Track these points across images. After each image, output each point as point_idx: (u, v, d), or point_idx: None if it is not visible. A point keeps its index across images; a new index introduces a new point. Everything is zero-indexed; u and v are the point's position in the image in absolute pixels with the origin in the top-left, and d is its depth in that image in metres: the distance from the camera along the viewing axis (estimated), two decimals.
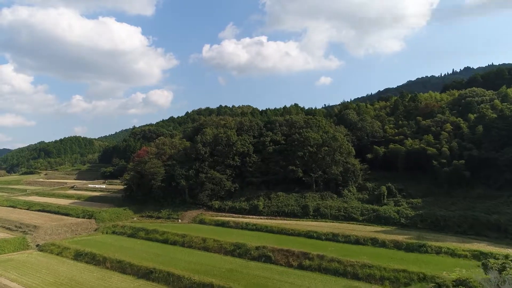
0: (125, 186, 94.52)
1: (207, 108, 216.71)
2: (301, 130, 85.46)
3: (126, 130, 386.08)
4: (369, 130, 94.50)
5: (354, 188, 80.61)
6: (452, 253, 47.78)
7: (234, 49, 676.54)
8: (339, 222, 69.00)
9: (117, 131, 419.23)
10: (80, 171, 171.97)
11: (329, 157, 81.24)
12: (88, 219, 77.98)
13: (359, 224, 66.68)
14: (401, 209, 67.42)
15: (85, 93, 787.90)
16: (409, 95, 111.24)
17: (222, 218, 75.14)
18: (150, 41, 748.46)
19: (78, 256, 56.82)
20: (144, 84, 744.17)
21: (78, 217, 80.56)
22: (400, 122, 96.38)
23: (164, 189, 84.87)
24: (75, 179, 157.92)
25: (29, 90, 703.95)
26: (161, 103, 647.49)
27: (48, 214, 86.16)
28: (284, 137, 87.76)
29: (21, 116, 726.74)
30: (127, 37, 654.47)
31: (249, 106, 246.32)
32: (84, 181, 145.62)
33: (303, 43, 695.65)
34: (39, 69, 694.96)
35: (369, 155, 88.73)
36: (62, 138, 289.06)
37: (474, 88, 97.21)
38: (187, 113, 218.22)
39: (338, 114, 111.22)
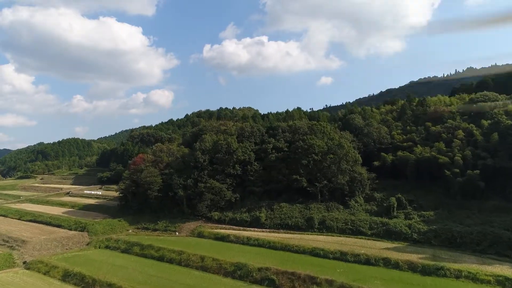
0: (120, 195, 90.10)
1: (207, 111, 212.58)
2: (305, 137, 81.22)
3: (126, 130, 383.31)
4: (376, 136, 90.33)
5: (361, 198, 76.40)
6: (474, 278, 43.59)
7: (234, 49, 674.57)
8: (346, 237, 64.79)
9: (117, 132, 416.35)
10: (77, 175, 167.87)
11: (334, 165, 77.07)
12: (81, 232, 73.74)
13: (368, 239, 62.41)
14: (413, 223, 63.16)
15: (86, 93, 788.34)
16: (417, 99, 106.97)
17: (222, 231, 70.95)
18: (151, 41, 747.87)
19: (66, 276, 52.62)
20: (145, 84, 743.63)
21: (70, 229, 76.36)
22: (408, 127, 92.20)
23: (161, 199, 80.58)
24: (72, 184, 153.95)
25: (30, 90, 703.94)
26: (162, 103, 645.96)
27: (40, 225, 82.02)
28: (287, 144, 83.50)
29: (22, 116, 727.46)
30: (128, 37, 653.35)
31: (250, 108, 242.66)
32: (80, 187, 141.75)
33: (304, 43, 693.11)
34: (40, 69, 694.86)
35: (376, 163, 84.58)
36: (61, 140, 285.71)
37: (485, 92, 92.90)
38: (186, 115, 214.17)
39: (342, 119, 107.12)
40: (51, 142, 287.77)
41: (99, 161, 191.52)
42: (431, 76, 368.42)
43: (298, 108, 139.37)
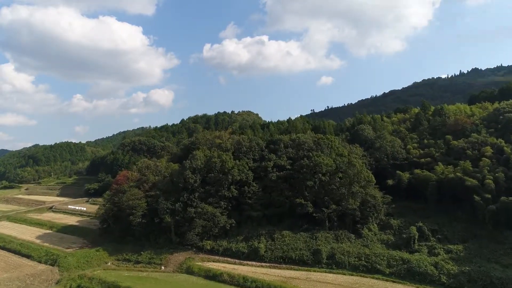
0: (101, 218, 79.49)
1: (204, 115, 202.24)
2: (310, 153, 71.23)
3: (124, 132, 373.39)
4: (389, 151, 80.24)
5: (376, 226, 66.49)
6: None
7: (235, 49, 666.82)
8: (361, 276, 55.08)
9: (115, 133, 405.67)
10: (64, 185, 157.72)
11: (344, 188, 67.01)
12: (51, 266, 63.45)
13: (387, 281, 52.92)
14: (439, 261, 53.45)
15: (86, 93, 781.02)
16: (433, 107, 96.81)
17: (214, 266, 60.96)
18: (151, 40, 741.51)
19: None
20: (145, 83, 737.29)
21: (40, 261, 66.19)
22: (425, 140, 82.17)
23: (146, 226, 70.22)
24: (58, 196, 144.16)
25: (30, 89, 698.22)
26: (162, 102, 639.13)
27: (7, 254, 71.83)
28: (290, 161, 73.42)
29: (22, 115, 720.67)
30: (128, 37, 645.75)
31: (250, 112, 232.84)
32: (66, 199, 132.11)
33: (304, 42, 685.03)
34: (40, 69, 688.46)
35: (389, 181, 74.77)
36: (53, 144, 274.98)
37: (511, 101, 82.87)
38: (182, 121, 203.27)
39: (351, 129, 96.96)
40: (43, 147, 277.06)
41: (90, 168, 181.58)
42: (435, 77, 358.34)
43: (301, 116, 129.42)
